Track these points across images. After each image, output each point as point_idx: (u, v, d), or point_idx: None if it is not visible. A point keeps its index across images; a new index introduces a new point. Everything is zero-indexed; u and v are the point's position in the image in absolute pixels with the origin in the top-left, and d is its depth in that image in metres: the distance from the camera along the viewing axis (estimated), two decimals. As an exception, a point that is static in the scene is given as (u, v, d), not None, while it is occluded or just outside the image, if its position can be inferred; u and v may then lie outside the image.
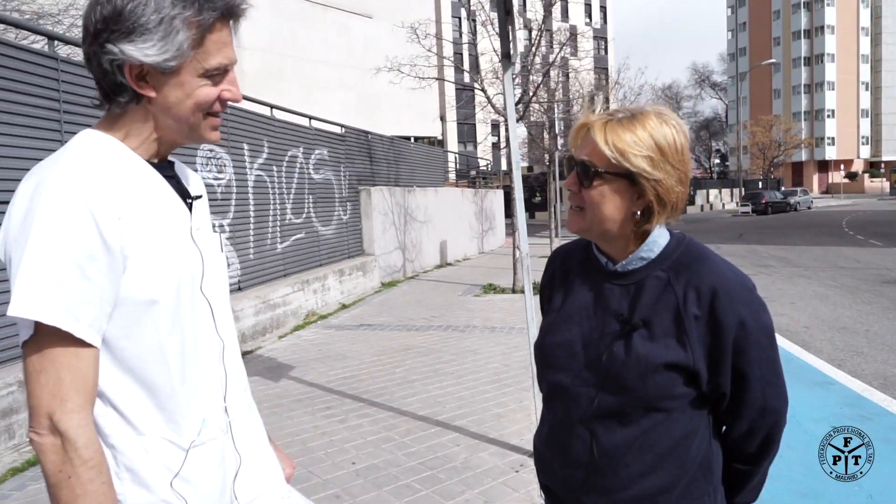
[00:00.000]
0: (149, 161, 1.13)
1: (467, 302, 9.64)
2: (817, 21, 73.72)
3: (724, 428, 1.31)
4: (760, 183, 55.27)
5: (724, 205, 57.21)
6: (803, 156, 73.42)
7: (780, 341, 6.80)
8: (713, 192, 57.39)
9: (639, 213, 1.22)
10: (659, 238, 1.26)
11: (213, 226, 1.28)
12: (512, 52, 3.36)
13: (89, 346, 1.01)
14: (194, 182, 1.25)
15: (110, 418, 1.06)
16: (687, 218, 41.61)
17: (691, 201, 52.26)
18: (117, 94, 1.08)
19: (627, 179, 1.19)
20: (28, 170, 2.84)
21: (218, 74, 1.10)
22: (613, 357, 1.21)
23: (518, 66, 14.88)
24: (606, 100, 38.18)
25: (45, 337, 0.98)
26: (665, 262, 1.24)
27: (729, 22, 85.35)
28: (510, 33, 3.34)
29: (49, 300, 0.96)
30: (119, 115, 1.11)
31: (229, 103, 1.15)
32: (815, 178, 75.55)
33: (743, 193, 47.57)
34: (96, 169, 1.03)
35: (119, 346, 1.05)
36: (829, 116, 74.49)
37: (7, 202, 3.38)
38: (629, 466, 1.22)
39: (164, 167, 1.17)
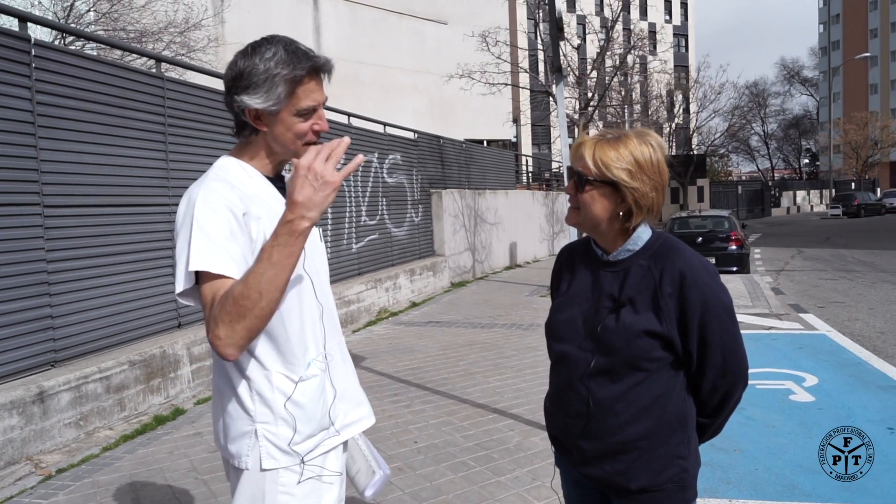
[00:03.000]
0: (266, 175, 1.58)
1: (533, 302, 9.88)
2: (920, 10, 68.85)
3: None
4: (853, 184, 52.27)
5: (812, 207, 54.50)
6: (903, 155, 68.75)
7: (849, 346, 6.71)
8: (801, 194, 54.79)
9: (622, 213, 1.53)
10: (642, 234, 1.58)
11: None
12: (564, 65, 3.63)
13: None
14: None
15: (246, 358, 1.50)
16: (770, 221, 39.98)
17: (776, 203, 50.09)
18: (244, 128, 1.55)
19: (611, 187, 1.51)
20: (138, 177, 3.60)
21: (308, 113, 1.53)
22: (606, 327, 1.53)
23: (590, 68, 14.97)
24: (686, 98, 37.27)
25: (209, 282, 1.39)
26: (646, 253, 1.56)
27: (821, 14, 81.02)
28: (570, 51, 3.62)
29: (211, 257, 1.38)
30: (245, 144, 1.58)
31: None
32: (917, 178, 70.52)
33: (833, 195, 45.14)
34: (229, 182, 1.49)
35: None
36: (932, 112, 69.35)
37: (126, 204, 4.04)
38: (617, 416, 1.53)
39: (277, 180, 1.62)
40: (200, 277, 1.41)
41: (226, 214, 1.42)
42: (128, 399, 4.61)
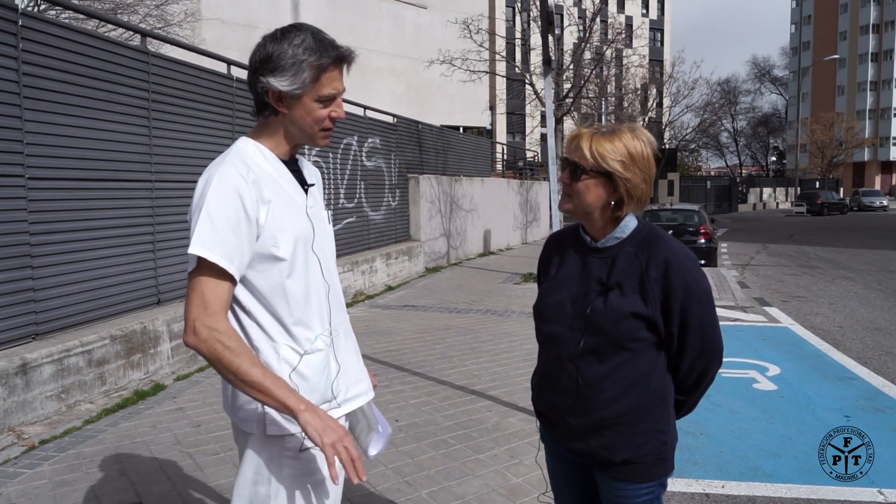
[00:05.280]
0: (280, 158, 1.64)
1: (507, 289, 10.04)
2: (888, 15, 70.55)
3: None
4: (818, 183, 53.63)
5: (777, 204, 55.76)
6: (866, 156, 70.73)
7: (811, 338, 7.00)
8: (767, 191, 55.99)
9: (613, 202, 1.64)
10: (629, 223, 1.69)
11: (325, 205, 1.81)
12: (552, 57, 3.74)
13: (230, 279, 1.50)
14: (310, 173, 1.76)
15: (255, 329, 1.58)
16: (737, 216, 40.84)
17: (744, 199, 51.13)
18: (264, 109, 1.61)
19: (605, 177, 1.62)
20: (122, 151, 3.71)
21: (328, 100, 1.60)
22: (595, 309, 1.64)
23: (568, 60, 15.11)
24: (660, 93, 37.75)
25: (204, 269, 1.47)
26: (633, 241, 1.67)
27: (793, 15, 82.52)
28: (551, 41, 3.72)
29: (214, 246, 1.46)
30: (264, 126, 1.63)
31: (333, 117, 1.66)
32: (878, 178, 72.63)
33: (798, 193, 46.31)
34: (245, 166, 1.55)
35: (256, 285, 1.56)
36: (895, 115, 71.42)
37: (110, 179, 4.08)
38: (604, 393, 1.64)
39: (291, 163, 1.68)
40: (198, 260, 1.47)
41: (236, 204, 1.48)
42: (108, 373, 4.63)
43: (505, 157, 22.33)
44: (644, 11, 58.10)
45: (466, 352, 6.11)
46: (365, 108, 10.23)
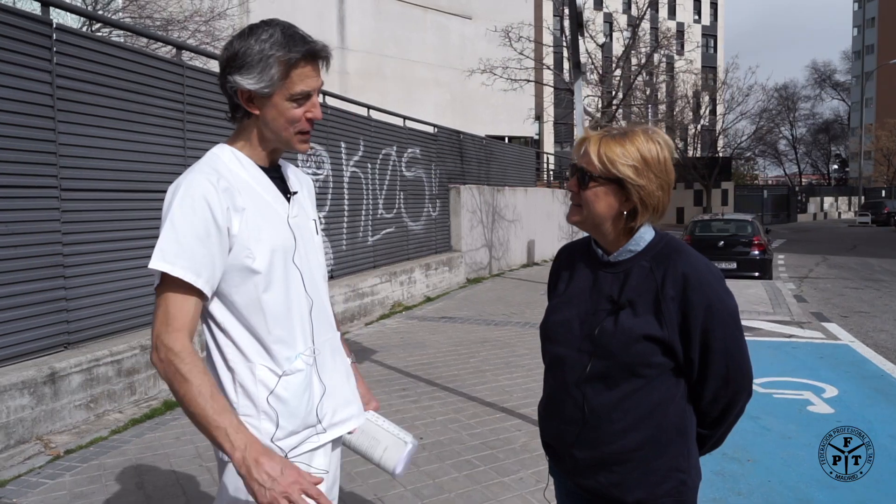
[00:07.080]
0: (260, 165, 1.54)
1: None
2: (959, 16, 67.16)
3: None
4: (883, 192, 51.24)
5: (839, 214, 53.55)
6: (936, 163, 67.21)
7: (873, 357, 6.55)
8: (828, 200, 53.88)
9: (626, 212, 1.47)
10: (645, 234, 1.51)
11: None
12: (583, 61, 3.57)
13: (199, 294, 1.40)
14: (297, 181, 1.65)
15: (230, 349, 1.48)
16: (796, 226, 39.33)
17: (803, 209, 49.30)
18: (236, 111, 1.52)
19: (616, 184, 1.45)
20: (155, 163, 3.63)
21: (302, 98, 1.48)
22: (604, 330, 1.47)
23: (613, 66, 14.80)
24: (713, 100, 36.78)
25: (167, 284, 1.39)
26: (649, 254, 1.49)
27: (855, 17, 79.37)
28: (581, 45, 3.56)
29: (177, 259, 1.38)
30: (240, 131, 1.55)
31: (327, 111, 1.56)
32: (950, 187, 68.91)
33: (862, 202, 44.30)
34: (216, 173, 1.45)
35: (230, 300, 1.47)
36: (968, 120, 67.67)
37: (143, 190, 4.06)
38: (613, 424, 1.46)
39: (272, 170, 1.58)
40: (162, 275, 1.39)
41: (203, 213, 1.39)
42: (138, 383, 4.64)
43: (550, 166, 22.04)
44: (696, 17, 56.86)
45: (501, 366, 5.93)
46: (405, 118, 10.20)
